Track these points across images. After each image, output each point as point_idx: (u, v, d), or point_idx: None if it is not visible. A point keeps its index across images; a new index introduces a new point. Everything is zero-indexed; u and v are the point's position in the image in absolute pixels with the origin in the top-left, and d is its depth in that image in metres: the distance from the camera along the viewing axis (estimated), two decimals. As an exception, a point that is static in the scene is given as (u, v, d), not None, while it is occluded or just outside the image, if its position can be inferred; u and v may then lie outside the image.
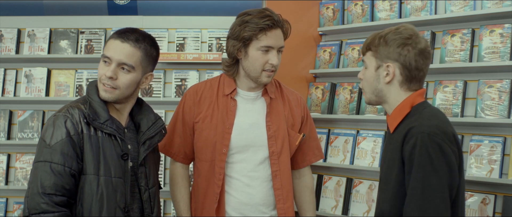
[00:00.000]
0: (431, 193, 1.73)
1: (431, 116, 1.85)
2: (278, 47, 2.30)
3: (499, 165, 2.88)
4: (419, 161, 1.75)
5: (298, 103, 2.47)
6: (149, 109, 2.18)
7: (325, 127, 3.66)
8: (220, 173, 2.32)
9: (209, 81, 2.45)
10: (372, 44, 1.93)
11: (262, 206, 2.35)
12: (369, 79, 1.94)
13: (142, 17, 3.68)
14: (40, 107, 3.73)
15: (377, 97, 1.95)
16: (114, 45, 2.00)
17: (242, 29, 2.26)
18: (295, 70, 3.69)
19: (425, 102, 1.94)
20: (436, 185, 1.74)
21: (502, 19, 2.98)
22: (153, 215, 2.11)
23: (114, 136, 1.99)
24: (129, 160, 2.03)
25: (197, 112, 2.37)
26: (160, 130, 2.15)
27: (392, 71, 1.89)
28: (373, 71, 1.92)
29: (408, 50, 1.87)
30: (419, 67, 1.90)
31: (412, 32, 1.91)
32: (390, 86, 1.91)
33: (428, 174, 1.74)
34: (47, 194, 1.84)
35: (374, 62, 1.92)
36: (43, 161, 1.88)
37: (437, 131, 1.78)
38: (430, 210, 1.73)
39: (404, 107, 1.91)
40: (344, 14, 3.69)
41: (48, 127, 1.93)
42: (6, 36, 3.73)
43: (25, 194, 1.89)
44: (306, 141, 2.48)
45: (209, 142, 2.34)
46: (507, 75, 2.96)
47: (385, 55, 1.89)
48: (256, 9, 2.30)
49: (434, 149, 1.75)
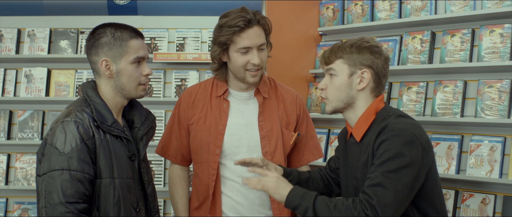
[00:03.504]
0: (396, 177, 1.76)
1: (398, 116, 1.90)
2: (257, 46, 2.25)
3: (499, 165, 2.88)
4: (385, 153, 1.78)
5: (293, 102, 2.45)
6: (139, 104, 2.18)
7: (325, 127, 3.66)
8: (213, 174, 2.32)
9: (203, 83, 2.45)
10: (342, 52, 1.96)
11: (258, 206, 2.36)
12: (340, 87, 1.96)
13: (142, 17, 3.68)
14: (40, 107, 3.74)
15: (345, 104, 1.98)
16: (142, 43, 2.03)
17: (218, 33, 2.25)
18: (295, 70, 3.69)
19: (386, 106, 1.99)
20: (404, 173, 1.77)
21: (502, 19, 2.98)
22: (155, 208, 2.15)
23: (120, 137, 2.00)
24: (136, 159, 2.05)
25: (191, 114, 2.37)
26: (152, 124, 2.16)
27: (367, 77, 1.93)
28: (345, 78, 1.95)
29: (378, 57, 1.94)
30: (386, 74, 1.98)
31: (376, 42, 1.99)
32: (362, 93, 1.96)
33: (393, 160, 1.77)
34: (70, 202, 1.80)
35: (347, 70, 1.95)
36: (60, 169, 1.82)
37: (407, 127, 1.83)
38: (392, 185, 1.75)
39: (369, 114, 1.95)
40: (344, 14, 3.69)
41: (58, 133, 1.86)
42: (6, 36, 3.73)
43: (41, 204, 1.83)
44: (303, 139, 2.47)
45: (203, 143, 2.34)
46: (507, 75, 2.96)
47: (359, 62, 1.93)
48: (234, 10, 2.26)
49: (403, 143, 1.78)
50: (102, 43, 1.97)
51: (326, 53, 2.00)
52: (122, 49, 1.97)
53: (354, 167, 1.99)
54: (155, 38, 3.67)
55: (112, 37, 1.97)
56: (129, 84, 2.00)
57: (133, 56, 1.98)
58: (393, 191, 1.74)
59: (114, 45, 1.97)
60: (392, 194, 1.74)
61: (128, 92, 2.02)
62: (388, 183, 1.75)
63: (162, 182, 3.60)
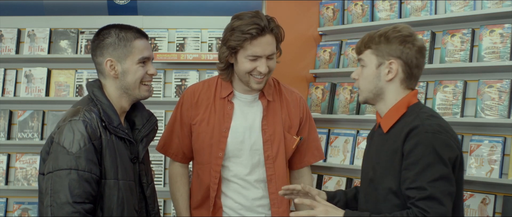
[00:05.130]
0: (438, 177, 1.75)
1: (430, 116, 1.86)
2: (267, 55, 2.23)
3: (499, 165, 2.88)
4: (424, 158, 1.76)
5: (297, 104, 2.44)
6: (142, 105, 2.18)
7: (325, 127, 3.65)
8: (216, 177, 2.32)
9: (206, 82, 2.43)
10: (371, 42, 1.92)
11: (259, 207, 2.36)
12: (369, 78, 1.92)
13: (142, 17, 3.68)
14: (40, 108, 3.73)
15: (374, 95, 1.94)
16: (147, 44, 2.04)
17: (229, 37, 2.22)
18: (295, 70, 3.69)
19: (420, 103, 1.95)
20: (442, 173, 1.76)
21: (502, 19, 2.98)
22: (155, 210, 2.14)
23: (124, 139, 2.00)
24: (138, 162, 2.05)
25: (194, 114, 2.36)
26: (154, 126, 2.15)
27: (395, 68, 1.88)
28: (373, 69, 1.91)
29: (409, 47, 1.88)
30: (419, 65, 1.91)
31: (411, 30, 1.93)
32: (390, 84, 1.91)
33: (434, 165, 1.76)
34: (77, 202, 1.80)
35: (375, 60, 1.91)
36: (68, 169, 1.81)
37: (441, 129, 1.80)
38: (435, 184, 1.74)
39: (400, 106, 1.91)
40: (344, 14, 3.69)
41: (66, 132, 1.85)
42: (6, 36, 3.73)
43: (46, 202, 1.82)
44: (305, 142, 2.46)
45: (205, 145, 2.33)
46: (507, 75, 2.96)
47: (387, 52, 1.89)
48: (249, 12, 2.23)
49: (440, 146, 1.76)
50: (107, 44, 1.98)
51: (359, 43, 1.98)
52: (126, 49, 1.97)
53: (374, 157, 1.95)
54: (155, 38, 3.67)
55: (117, 38, 1.97)
56: (133, 84, 2.00)
57: (138, 57, 1.99)
58: (444, 201, 1.74)
59: (118, 45, 1.97)
60: (444, 204, 1.74)
61: (132, 92, 2.02)
62: (438, 193, 1.73)
63: (162, 182, 3.60)
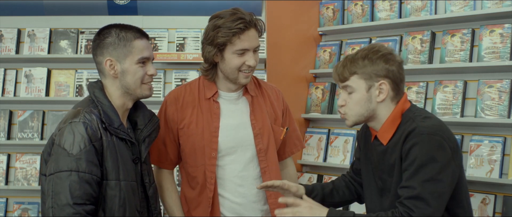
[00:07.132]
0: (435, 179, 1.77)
1: (424, 117, 1.88)
2: (254, 48, 2.26)
3: (499, 165, 2.88)
4: (417, 159, 1.77)
5: (277, 97, 2.47)
6: (144, 105, 2.18)
7: (325, 127, 3.66)
8: (212, 177, 2.31)
9: (188, 85, 2.43)
10: (355, 67, 1.90)
11: (255, 203, 2.37)
12: (360, 102, 1.91)
13: (142, 17, 3.68)
14: (40, 108, 3.74)
15: (366, 118, 1.94)
16: (148, 44, 2.04)
17: (215, 34, 2.22)
18: (295, 70, 3.69)
19: (412, 106, 1.96)
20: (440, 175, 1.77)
21: (502, 19, 2.98)
22: (157, 209, 2.15)
23: (125, 140, 2.00)
24: (139, 162, 2.05)
25: (180, 118, 2.35)
26: (156, 126, 2.16)
27: (386, 88, 1.89)
28: (364, 93, 1.91)
29: (392, 64, 1.89)
30: (402, 78, 1.93)
31: (388, 47, 1.95)
32: (382, 103, 1.92)
33: (427, 166, 1.77)
34: (78, 204, 1.80)
35: (364, 84, 1.90)
36: (68, 171, 1.82)
37: (436, 130, 1.81)
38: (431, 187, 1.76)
39: (395, 118, 1.92)
40: (344, 14, 3.69)
41: (66, 134, 1.86)
42: (6, 36, 3.73)
43: (48, 204, 1.83)
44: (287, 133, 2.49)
45: (197, 147, 2.33)
46: (507, 75, 2.96)
47: (375, 74, 1.89)
48: (227, 10, 2.25)
49: (434, 147, 1.77)
50: (107, 43, 1.98)
51: (339, 69, 1.94)
52: (126, 49, 1.98)
53: (379, 168, 1.96)
54: (155, 38, 3.67)
55: (117, 37, 1.97)
56: (134, 84, 2.00)
57: (138, 57, 1.99)
58: (431, 202, 1.74)
59: (118, 45, 1.97)
60: (431, 205, 1.74)
61: (133, 91, 2.02)
62: (426, 194, 1.74)
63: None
